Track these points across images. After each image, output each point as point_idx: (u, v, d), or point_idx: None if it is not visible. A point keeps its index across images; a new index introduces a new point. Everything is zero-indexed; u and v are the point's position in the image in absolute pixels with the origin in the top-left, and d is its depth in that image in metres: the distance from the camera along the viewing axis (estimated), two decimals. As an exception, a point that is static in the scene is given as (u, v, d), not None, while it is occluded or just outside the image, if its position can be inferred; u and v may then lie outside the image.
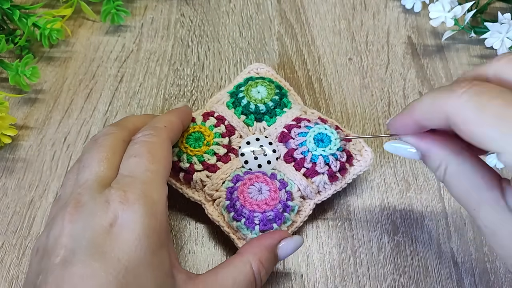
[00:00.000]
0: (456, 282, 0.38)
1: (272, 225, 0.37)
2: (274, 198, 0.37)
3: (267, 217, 0.36)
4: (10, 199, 0.42)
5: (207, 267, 0.39)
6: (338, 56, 0.52)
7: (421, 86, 0.50)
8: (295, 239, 0.35)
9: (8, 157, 0.45)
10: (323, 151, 0.38)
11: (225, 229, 0.38)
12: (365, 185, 0.43)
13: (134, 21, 0.55)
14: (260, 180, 0.38)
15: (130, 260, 0.26)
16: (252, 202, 0.37)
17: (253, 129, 0.42)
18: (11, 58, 0.51)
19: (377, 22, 0.55)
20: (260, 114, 0.41)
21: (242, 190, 0.37)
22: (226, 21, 0.55)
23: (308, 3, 0.57)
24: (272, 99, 0.42)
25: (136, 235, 0.26)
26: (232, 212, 0.37)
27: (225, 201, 0.38)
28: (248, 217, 0.36)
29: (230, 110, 0.42)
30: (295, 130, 0.40)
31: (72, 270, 0.25)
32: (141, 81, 0.50)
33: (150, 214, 0.27)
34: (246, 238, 0.37)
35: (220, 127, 0.40)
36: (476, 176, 0.28)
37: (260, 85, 0.42)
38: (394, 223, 0.41)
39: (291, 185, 0.39)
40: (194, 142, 0.39)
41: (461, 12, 0.49)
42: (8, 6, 0.48)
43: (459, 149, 0.30)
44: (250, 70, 0.46)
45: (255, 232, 0.36)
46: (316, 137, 0.39)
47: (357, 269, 0.39)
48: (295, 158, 0.39)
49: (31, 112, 0.48)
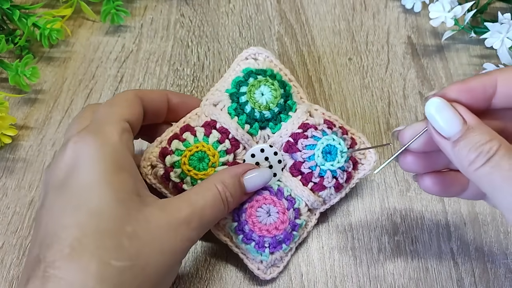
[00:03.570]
0: (456, 282, 0.38)
1: (282, 245, 0.37)
2: (284, 220, 0.36)
3: (277, 240, 0.36)
4: (10, 199, 0.42)
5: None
6: (338, 56, 0.52)
7: (421, 86, 0.50)
8: (261, 170, 0.36)
9: (8, 157, 0.45)
10: (331, 166, 0.38)
11: (234, 249, 0.38)
12: (365, 185, 0.43)
13: (134, 21, 0.55)
14: (268, 202, 0.37)
15: (87, 182, 0.29)
16: (262, 227, 0.36)
17: (257, 138, 0.39)
18: (11, 58, 0.51)
19: (377, 22, 0.55)
20: (265, 122, 0.39)
21: (251, 214, 0.36)
22: (225, 21, 0.55)
23: (308, 3, 0.57)
24: (278, 104, 0.39)
25: (90, 160, 0.30)
26: (241, 235, 0.37)
27: (232, 222, 0.37)
28: (258, 242, 0.36)
29: (233, 119, 0.38)
30: (302, 142, 0.38)
31: (44, 206, 0.30)
32: (141, 81, 0.50)
33: (101, 143, 0.30)
34: (255, 259, 0.37)
35: (225, 143, 0.37)
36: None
37: (263, 85, 0.39)
38: (394, 223, 0.41)
39: (299, 201, 0.38)
40: (198, 163, 0.37)
41: (461, 12, 0.49)
42: (8, 6, 0.48)
43: None
44: (247, 56, 0.42)
45: (265, 254, 0.36)
46: (324, 150, 0.38)
47: (357, 269, 0.39)
48: (302, 172, 0.38)
49: (31, 112, 0.48)
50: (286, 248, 0.37)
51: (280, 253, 0.37)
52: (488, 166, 0.27)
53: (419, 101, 0.49)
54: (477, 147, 0.28)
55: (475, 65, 0.51)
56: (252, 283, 0.38)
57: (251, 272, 0.38)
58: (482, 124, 0.29)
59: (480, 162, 0.27)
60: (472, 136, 0.28)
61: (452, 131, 0.29)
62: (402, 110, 0.48)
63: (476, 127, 0.28)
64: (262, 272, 0.37)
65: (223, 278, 0.39)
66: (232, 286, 0.38)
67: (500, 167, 0.27)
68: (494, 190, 0.28)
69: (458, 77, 0.50)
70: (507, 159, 0.27)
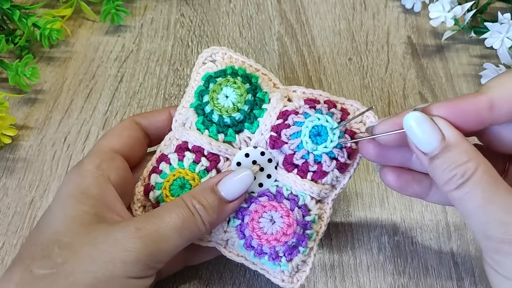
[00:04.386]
0: (456, 282, 0.38)
1: (298, 249, 0.34)
2: (290, 224, 0.33)
3: (290, 246, 0.33)
4: (10, 199, 0.42)
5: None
6: (338, 56, 0.52)
7: (421, 86, 0.50)
8: (236, 172, 0.33)
9: (9, 157, 0.45)
10: (324, 148, 0.33)
11: (251, 266, 0.35)
12: (365, 185, 0.43)
13: (134, 21, 0.55)
14: (269, 209, 0.33)
15: (50, 206, 0.32)
16: (269, 238, 0.33)
17: (237, 145, 0.35)
18: (11, 58, 0.51)
19: (377, 22, 0.55)
20: (239, 124, 0.35)
21: (253, 227, 0.33)
22: (226, 21, 0.55)
23: (308, 3, 0.57)
24: (246, 101, 0.35)
25: (61, 187, 0.33)
26: (252, 251, 0.34)
27: (239, 240, 0.34)
28: (271, 254, 0.33)
29: (204, 133, 0.35)
30: (286, 132, 0.34)
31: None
32: (141, 81, 0.50)
33: (75, 172, 0.33)
34: (276, 271, 0.34)
35: (201, 162, 0.35)
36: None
37: (225, 86, 0.35)
38: (394, 223, 0.41)
39: (303, 197, 0.34)
40: (180, 191, 0.34)
41: (461, 12, 0.49)
42: (8, 6, 0.48)
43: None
44: (204, 60, 0.38)
45: (283, 264, 0.33)
46: (311, 133, 0.33)
47: (357, 269, 0.39)
48: (296, 165, 0.34)
49: (31, 112, 0.48)
50: (305, 250, 0.34)
51: (299, 258, 0.34)
52: (462, 192, 0.27)
53: (419, 101, 0.49)
54: (452, 168, 0.27)
55: (475, 65, 0.51)
56: (252, 283, 0.38)
57: (251, 271, 0.38)
58: (463, 142, 0.28)
59: (454, 185, 0.27)
60: (448, 156, 0.27)
61: (429, 148, 0.28)
62: (402, 110, 0.48)
63: (455, 145, 0.27)
64: (289, 283, 0.34)
65: (223, 278, 0.39)
66: (232, 286, 0.38)
67: (473, 195, 0.26)
68: (467, 216, 0.27)
69: (458, 77, 0.50)
70: (481, 186, 0.26)
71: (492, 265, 0.28)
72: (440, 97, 0.49)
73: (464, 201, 0.27)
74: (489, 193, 0.26)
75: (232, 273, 0.39)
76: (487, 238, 0.27)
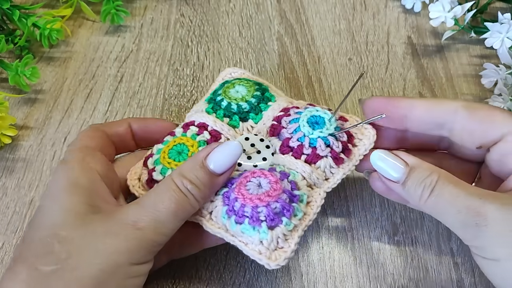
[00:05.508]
0: (456, 282, 0.38)
1: (281, 219, 0.32)
2: (277, 188, 0.32)
3: (273, 210, 0.32)
4: (10, 199, 0.42)
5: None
6: (338, 56, 0.52)
7: (421, 86, 0.50)
8: (224, 143, 0.33)
9: (8, 157, 0.45)
10: (320, 133, 0.35)
11: (230, 238, 0.33)
12: (365, 185, 0.43)
13: (134, 21, 0.55)
14: (257, 175, 0.33)
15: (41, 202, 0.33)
16: (253, 197, 0.32)
17: (240, 130, 0.38)
18: (11, 58, 0.51)
19: (377, 22, 0.55)
20: (244, 113, 0.38)
21: (240, 189, 0.33)
22: (225, 21, 0.55)
23: (308, 3, 0.57)
24: (254, 95, 0.38)
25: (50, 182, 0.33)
26: (233, 216, 0.32)
27: (222, 207, 0.33)
28: (252, 215, 0.32)
29: (211, 115, 0.38)
30: (286, 119, 0.37)
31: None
32: (140, 81, 0.50)
33: (66, 167, 0.33)
34: (254, 241, 0.32)
35: (203, 134, 0.36)
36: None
37: (238, 84, 0.39)
38: (394, 223, 0.41)
39: (294, 174, 0.35)
40: (178, 155, 0.35)
41: (461, 12, 0.49)
42: (8, 6, 0.48)
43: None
44: (224, 76, 0.42)
45: (263, 230, 0.31)
46: (309, 120, 0.36)
47: (357, 269, 0.39)
48: (292, 147, 0.36)
49: (31, 112, 0.48)
50: (288, 224, 0.32)
51: (281, 229, 0.32)
52: (433, 197, 0.32)
53: (419, 101, 0.49)
54: (420, 182, 0.32)
55: (475, 65, 0.51)
56: (252, 283, 0.38)
57: (251, 272, 0.38)
58: (422, 162, 0.33)
59: (426, 194, 0.32)
60: (415, 175, 0.32)
61: (398, 175, 0.33)
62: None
63: (417, 166, 0.33)
64: (266, 257, 0.32)
65: (223, 278, 0.39)
66: (232, 286, 0.38)
67: (442, 194, 0.31)
68: (442, 216, 0.32)
69: (458, 77, 0.50)
70: (446, 186, 0.31)
71: (478, 252, 0.31)
72: (440, 97, 0.49)
73: (436, 203, 0.32)
74: (454, 190, 0.31)
75: (232, 274, 0.39)
76: (463, 226, 0.31)
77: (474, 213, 0.30)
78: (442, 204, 0.31)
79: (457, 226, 0.32)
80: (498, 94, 0.46)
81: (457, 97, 0.49)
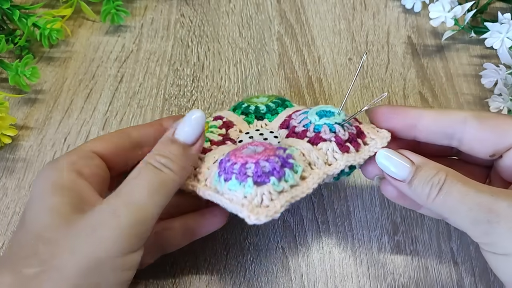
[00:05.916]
0: (456, 282, 0.38)
1: (269, 178, 0.30)
2: (269, 148, 0.32)
3: (261, 167, 0.31)
4: (10, 199, 0.42)
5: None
6: (338, 56, 0.52)
7: (421, 86, 0.50)
8: (186, 115, 0.33)
9: (8, 157, 0.45)
10: (327, 120, 0.35)
11: (217, 197, 0.32)
12: (365, 185, 0.43)
13: (134, 21, 0.55)
14: (254, 144, 0.33)
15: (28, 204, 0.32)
16: (244, 155, 0.31)
17: (253, 126, 0.39)
18: (11, 58, 0.51)
19: (377, 22, 0.55)
20: (261, 113, 0.40)
21: (235, 153, 0.32)
22: (226, 21, 0.55)
23: (308, 3, 0.57)
24: (274, 101, 0.40)
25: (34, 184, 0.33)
26: (223, 175, 0.32)
27: (216, 171, 0.33)
28: (240, 171, 0.31)
29: (229, 111, 0.40)
30: (296, 113, 0.37)
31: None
32: (141, 81, 0.50)
33: (51, 168, 0.33)
34: (238, 196, 0.31)
35: (217, 121, 0.38)
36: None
37: (262, 96, 0.42)
38: (394, 223, 0.41)
39: (292, 150, 0.33)
40: None
41: (461, 12, 0.49)
42: (8, 6, 0.48)
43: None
44: None
45: (248, 185, 0.30)
46: (319, 113, 0.36)
47: (357, 269, 0.39)
48: (297, 132, 0.35)
49: (31, 112, 0.48)
50: (276, 185, 0.31)
51: (267, 187, 0.30)
52: (442, 195, 0.31)
53: (419, 101, 0.49)
54: (427, 180, 0.32)
55: (475, 65, 0.51)
56: (252, 283, 0.38)
57: (251, 272, 0.38)
58: (428, 160, 0.33)
59: (434, 193, 0.31)
60: (422, 173, 0.32)
61: (404, 174, 0.33)
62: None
63: (423, 164, 0.33)
64: (247, 210, 0.30)
65: (223, 278, 0.39)
66: (232, 286, 0.38)
67: (451, 193, 0.31)
68: (451, 214, 0.32)
69: (458, 77, 0.50)
70: (455, 184, 0.31)
71: (487, 248, 0.31)
72: (440, 97, 0.49)
73: (445, 201, 0.31)
74: (462, 188, 0.31)
75: (232, 273, 0.39)
76: (474, 223, 0.31)
77: (486, 209, 0.30)
78: (451, 203, 0.31)
79: (467, 223, 0.31)
80: (498, 94, 0.46)
81: (457, 96, 0.49)
